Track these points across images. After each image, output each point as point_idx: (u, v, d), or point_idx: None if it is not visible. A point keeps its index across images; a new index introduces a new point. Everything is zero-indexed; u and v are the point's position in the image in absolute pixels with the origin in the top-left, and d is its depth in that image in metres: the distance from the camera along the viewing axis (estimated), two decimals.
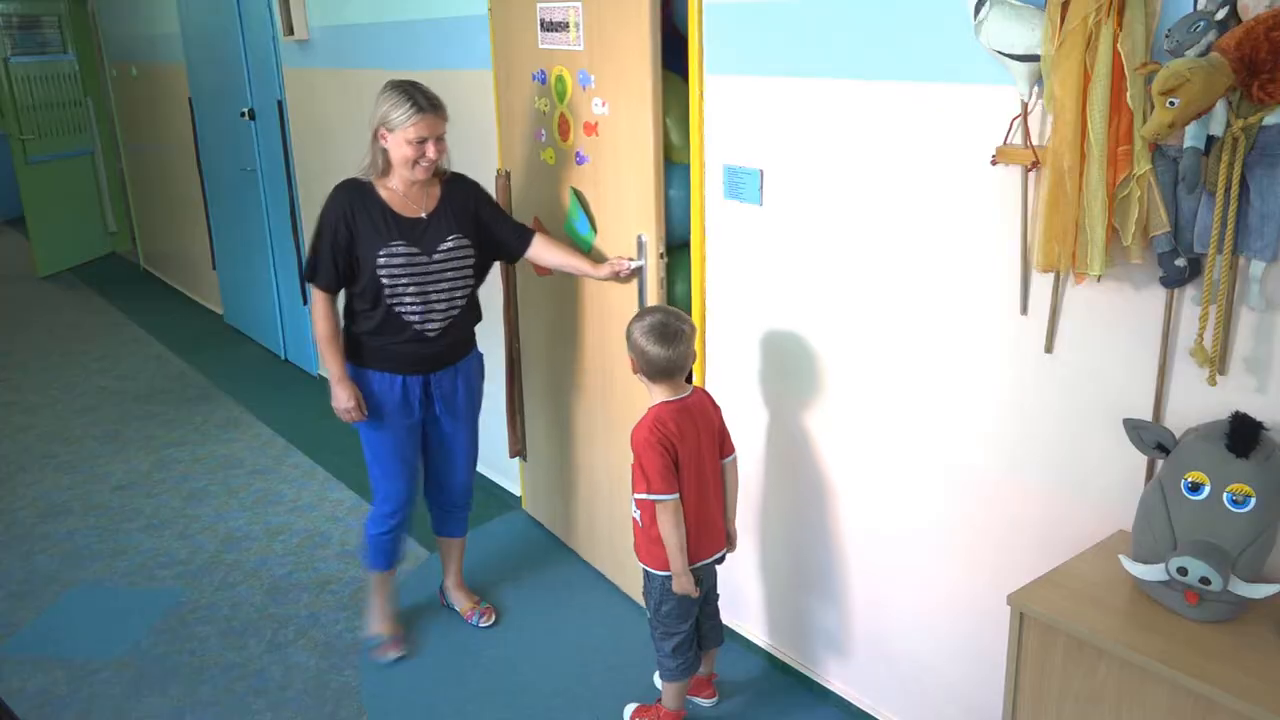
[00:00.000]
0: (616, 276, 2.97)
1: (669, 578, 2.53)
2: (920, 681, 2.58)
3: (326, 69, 4.79)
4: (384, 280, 2.82)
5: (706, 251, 2.85)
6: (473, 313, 3.05)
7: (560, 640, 3.21)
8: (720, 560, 2.67)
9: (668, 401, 2.50)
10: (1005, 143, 2.03)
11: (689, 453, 2.49)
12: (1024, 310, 2.11)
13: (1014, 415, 2.19)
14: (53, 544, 3.94)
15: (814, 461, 2.70)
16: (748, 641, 3.10)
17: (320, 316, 2.88)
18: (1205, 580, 1.63)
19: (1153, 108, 1.67)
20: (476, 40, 3.55)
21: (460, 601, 3.38)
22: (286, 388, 5.65)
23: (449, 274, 2.90)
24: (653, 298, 2.93)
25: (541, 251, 3.05)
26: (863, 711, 2.77)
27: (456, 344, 3.01)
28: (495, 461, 4.07)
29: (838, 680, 2.84)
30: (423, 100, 2.74)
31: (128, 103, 7.95)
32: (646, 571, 2.60)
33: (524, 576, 3.59)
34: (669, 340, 2.46)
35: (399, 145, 2.76)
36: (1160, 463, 1.81)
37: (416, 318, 2.87)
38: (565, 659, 3.12)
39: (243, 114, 5.64)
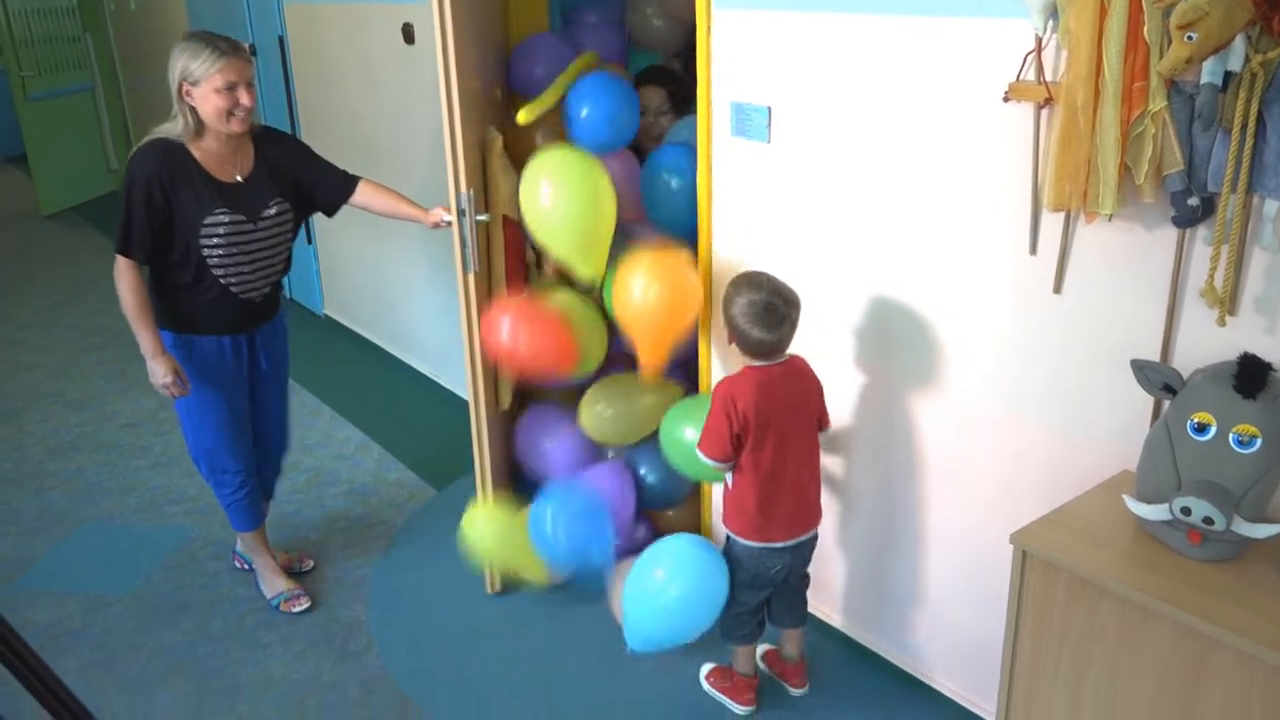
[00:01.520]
0: (436, 227, 2.87)
1: (743, 545, 2.48)
2: (920, 618, 2.61)
3: (330, 4, 4.71)
4: (207, 252, 2.67)
5: (713, 190, 2.83)
6: (288, 269, 2.96)
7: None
8: (812, 541, 2.56)
9: (755, 367, 2.39)
10: (1018, 79, 1.99)
11: (768, 422, 2.37)
12: (1033, 250, 2.09)
13: (1021, 355, 2.18)
14: (63, 481, 3.98)
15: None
16: None
17: (130, 289, 2.65)
18: (1209, 520, 1.64)
19: (1169, 42, 1.63)
20: None
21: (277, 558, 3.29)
22: (292, 326, 5.63)
23: (274, 240, 2.80)
24: (470, 265, 2.81)
25: (369, 199, 2.92)
26: (862, 645, 2.81)
27: (274, 300, 2.96)
28: None
29: (837, 615, 2.87)
30: (222, 44, 2.59)
31: (127, 38, 7.86)
32: (726, 535, 2.55)
33: None
34: (773, 325, 2.31)
35: (208, 98, 2.59)
36: (1166, 403, 1.81)
37: (242, 286, 2.77)
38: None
39: None
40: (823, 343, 2.64)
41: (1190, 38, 1.54)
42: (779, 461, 2.41)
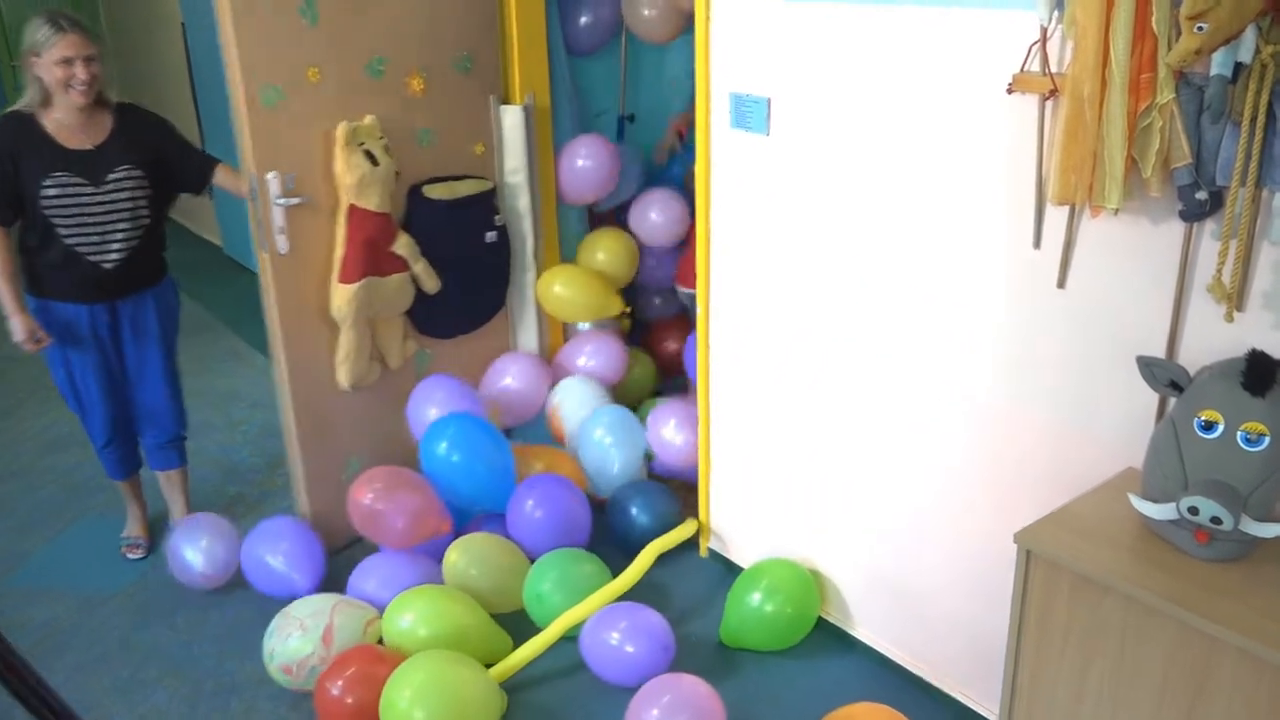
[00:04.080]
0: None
1: None
2: (923, 614, 2.59)
3: None
4: (48, 212, 2.84)
5: (711, 183, 2.79)
6: (156, 243, 3.09)
7: None
8: None
9: None
10: (1022, 70, 1.96)
11: None
12: (1037, 244, 2.06)
13: (1024, 351, 2.16)
14: (57, 476, 3.95)
15: (821, 399, 2.67)
16: None
17: None
18: (1216, 520, 1.61)
19: (1178, 33, 1.60)
20: None
21: None
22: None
23: (122, 205, 2.92)
24: (265, 237, 2.94)
25: (226, 180, 3.11)
26: (862, 642, 2.79)
27: (143, 273, 3.06)
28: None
29: (835, 610, 2.85)
30: (63, 21, 2.78)
31: (119, 23, 7.79)
32: None
33: None
34: None
35: (49, 70, 2.78)
36: (1172, 401, 1.78)
37: (91, 250, 2.91)
38: None
39: None
40: (823, 338, 2.61)
41: (1200, 28, 1.51)
42: None
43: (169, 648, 2.94)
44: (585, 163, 3.56)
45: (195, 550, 3.09)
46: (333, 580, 3.06)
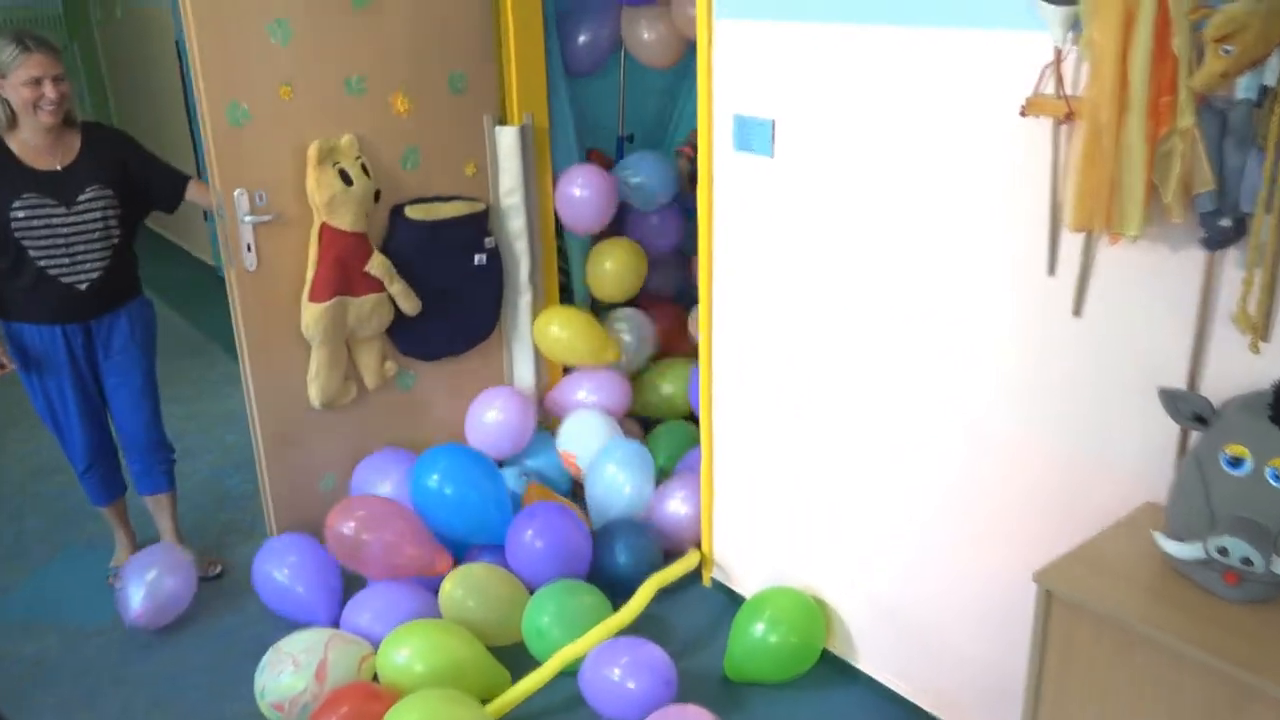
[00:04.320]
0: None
1: None
2: (930, 646, 2.52)
3: None
4: (20, 235, 2.80)
5: (714, 206, 2.74)
6: (129, 262, 3.05)
7: None
8: None
9: None
10: (1036, 93, 1.90)
11: None
12: (1051, 271, 2.00)
13: (1038, 379, 2.10)
14: (44, 504, 3.87)
15: (827, 428, 2.61)
16: None
17: None
18: (1247, 561, 1.55)
19: (1199, 56, 1.55)
20: None
21: None
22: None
23: (93, 225, 2.88)
24: (232, 254, 2.97)
25: (198, 196, 3.08)
26: (866, 675, 2.71)
27: (116, 292, 3.02)
28: None
29: (839, 642, 2.78)
30: (30, 41, 2.74)
31: (114, 45, 7.76)
32: None
33: None
34: None
35: (16, 90, 2.73)
36: (1195, 434, 1.72)
37: (63, 272, 2.87)
38: None
39: None
40: (828, 363, 2.55)
41: (1227, 51, 1.46)
42: None
43: (158, 683, 2.86)
44: (582, 193, 3.49)
45: (138, 585, 2.98)
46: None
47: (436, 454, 3.09)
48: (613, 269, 3.67)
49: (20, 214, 2.78)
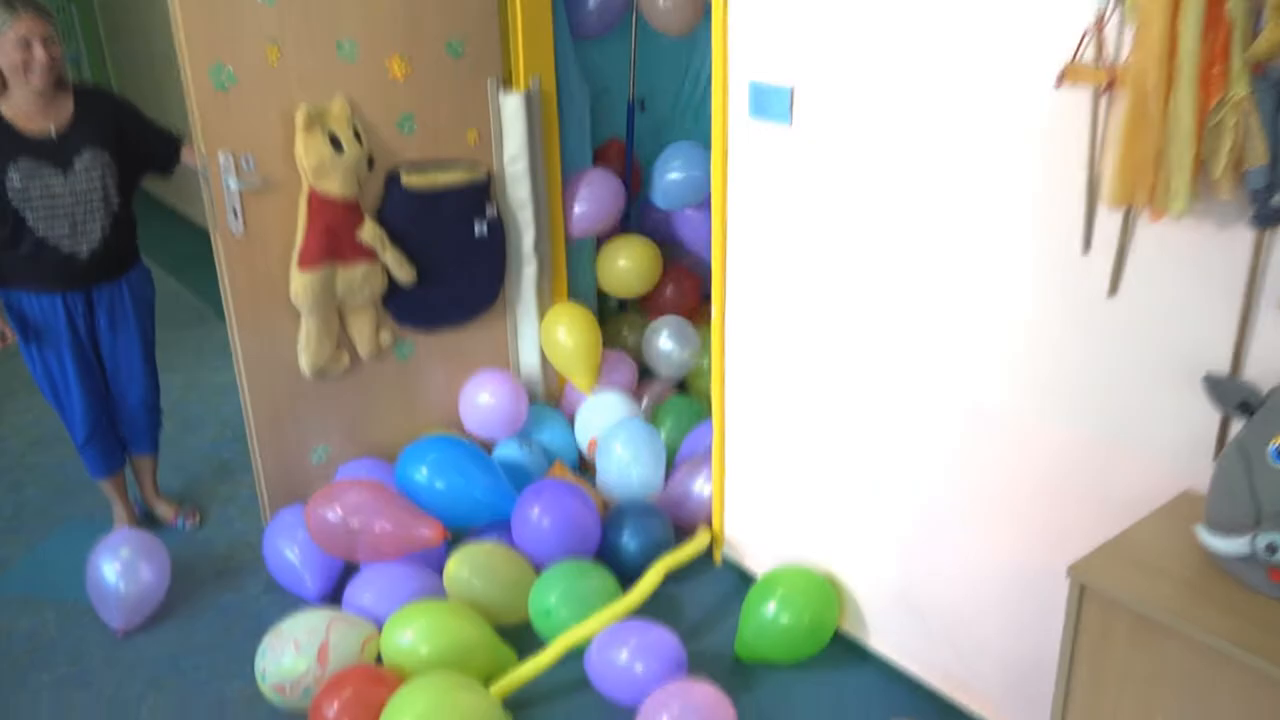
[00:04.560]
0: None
1: None
2: (949, 634, 2.45)
3: None
4: (17, 203, 2.75)
5: (728, 174, 2.64)
6: (129, 228, 3.02)
7: None
8: None
9: None
10: (1074, 60, 1.80)
11: None
12: (1086, 249, 1.91)
13: (1068, 361, 2.01)
14: (43, 475, 3.82)
15: (843, 405, 2.53)
16: None
17: None
18: None
19: (1257, 21, 1.45)
20: None
21: (161, 509, 3.42)
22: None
23: (92, 191, 2.84)
24: (217, 218, 2.93)
25: (192, 159, 2.95)
26: (882, 659, 2.65)
27: (117, 259, 2.99)
28: None
29: (852, 623, 2.71)
30: (18, 3, 2.68)
31: (111, 8, 7.63)
32: None
33: None
34: None
35: (6, 53, 2.68)
36: (1239, 422, 1.64)
37: (64, 239, 2.84)
38: None
39: None
40: (845, 339, 2.46)
41: None
42: None
43: (156, 662, 2.80)
44: (584, 206, 3.52)
45: (112, 566, 2.88)
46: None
47: (420, 449, 3.07)
48: (627, 266, 3.63)
49: (16, 181, 2.73)
